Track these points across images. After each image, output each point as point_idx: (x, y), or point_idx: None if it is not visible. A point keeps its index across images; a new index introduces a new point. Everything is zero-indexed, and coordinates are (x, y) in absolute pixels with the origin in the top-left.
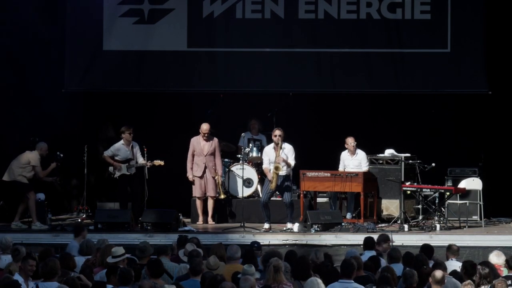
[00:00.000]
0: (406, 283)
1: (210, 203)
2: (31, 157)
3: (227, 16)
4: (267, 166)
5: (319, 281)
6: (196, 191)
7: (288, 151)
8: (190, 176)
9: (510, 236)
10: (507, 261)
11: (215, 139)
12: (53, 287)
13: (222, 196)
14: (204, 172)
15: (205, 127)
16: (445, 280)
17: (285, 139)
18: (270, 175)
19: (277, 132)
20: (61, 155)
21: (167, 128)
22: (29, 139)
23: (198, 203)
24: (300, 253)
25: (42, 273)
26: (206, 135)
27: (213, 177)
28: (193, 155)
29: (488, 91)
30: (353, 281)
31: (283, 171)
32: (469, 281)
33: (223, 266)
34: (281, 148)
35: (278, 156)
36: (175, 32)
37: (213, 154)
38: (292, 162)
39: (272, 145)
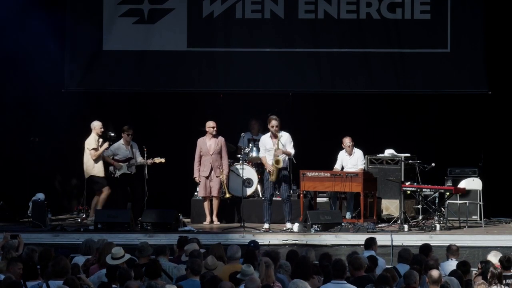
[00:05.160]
0: (406, 282)
1: (215, 203)
2: (88, 142)
3: (227, 16)
4: (264, 155)
5: (306, 283)
6: (201, 191)
7: (286, 140)
8: (197, 177)
9: (510, 236)
10: (500, 261)
11: (221, 138)
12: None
13: (228, 195)
14: (210, 172)
15: (211, 124)
16: (443, 280)
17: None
18: (269, 167)
19: (274, 122)
20: (113, 135)
21: (167, 128)
22: (29, 139)
23: (205, 203)
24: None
25: (53, 271)
26: (214, 130)
27: (218, 177)
28: (200, 156)
29: (488, 91)
30: (345, 282)
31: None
32: (482, 281)
33: (221, 266)
34: (278, 139)
35: (277, 149)
36: (175, 32)
37: (219, 153)
38: (291, 150)
39: (268, 134)
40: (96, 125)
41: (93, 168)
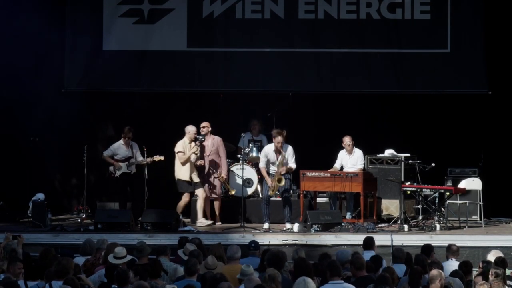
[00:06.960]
0: (412, 283)
1: (216, 204)
2: (177, 145)
3: (227, 16)
4: (264, 166)
5: (309, 280)
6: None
7: (288, 154)
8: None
9: (510, 236)
10: (495, 262)
11: (218, 138)
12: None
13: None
14: (207, 173)
15: (203, 124)
16: (445, 280)
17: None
18: (269, 181)
19: (279, 138)
20: (200, 137)
21: (167, 128)
22: (29, 139)
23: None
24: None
25: (55, 271)
26: (203, 130)
27: (217, 178)
28: None
29: (488, 91)
30: (343, 281)
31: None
32: (483, 281)
33: (221, 266)
34: (283, 156)
35: (281, 166)
36: (175, 32)
37: (216, 153)
38: (293, 165)
39: (272, 146)
40: (191, 130)
41: (179, 171)
